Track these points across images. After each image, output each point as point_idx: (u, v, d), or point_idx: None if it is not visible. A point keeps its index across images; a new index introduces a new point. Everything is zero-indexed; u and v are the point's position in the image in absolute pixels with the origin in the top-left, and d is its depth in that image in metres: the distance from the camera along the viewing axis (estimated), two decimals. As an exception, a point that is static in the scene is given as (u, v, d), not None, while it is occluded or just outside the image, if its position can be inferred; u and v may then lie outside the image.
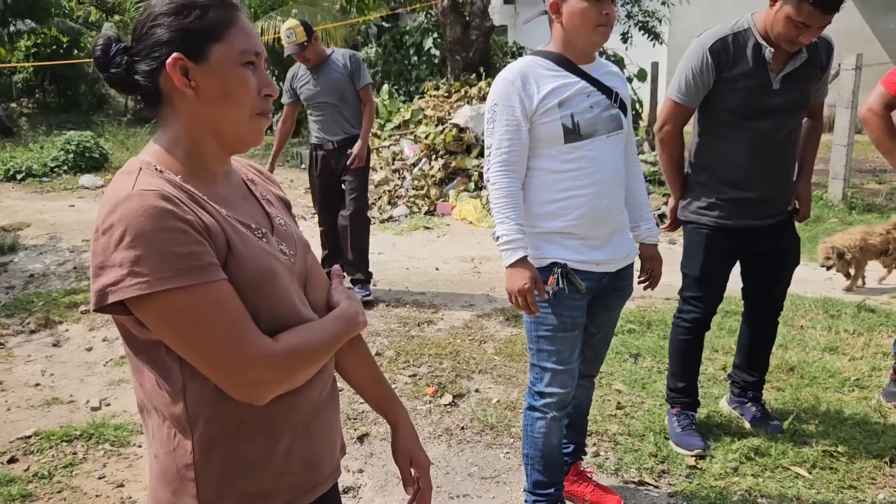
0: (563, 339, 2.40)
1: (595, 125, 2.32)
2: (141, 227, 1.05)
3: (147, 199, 1.07)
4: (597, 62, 2.41)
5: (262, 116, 1.23)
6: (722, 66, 2.84)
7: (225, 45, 1.18)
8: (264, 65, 1.25)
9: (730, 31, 2.87)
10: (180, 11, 1.17)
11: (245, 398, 1.14)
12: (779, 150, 2.93)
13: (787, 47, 2.79)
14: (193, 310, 1.08)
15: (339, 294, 1.38)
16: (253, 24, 5.50)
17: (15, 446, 3.35)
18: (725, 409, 3.44)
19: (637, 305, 5.01)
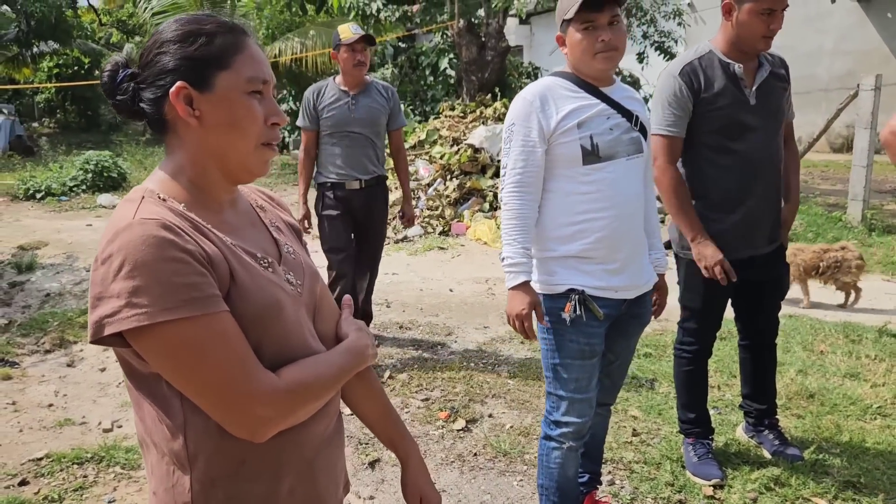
0: (581, 367, 2.36)
1: (615, 147, 2.29)
2: (141, 256, 1.03)
3: (148, 227, 1.05)
4: (617, 85, 2.40)
5: (269, 147, 1.20)
6: (696, 88, 2.83)
7: (231, 73, 1.15)
8: (273, 92, 1.23)
9: (694, 56, 2.88)
10: (186, 38, 1.15)
11: (246, 436, 1.11)
12: (766, 171, 2.91)
13: (762, 46, 2.78)
14: (193, 343, 1.05)
15: (348, 325, 1.34)
16: (270, 46, 5.53)
17: (26, 468, 3.34)
18: (743, 438, 3.37)
19: (653, 329, 4.94)
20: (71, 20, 24.76)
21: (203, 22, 1.17)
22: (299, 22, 15.86)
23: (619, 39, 2.26)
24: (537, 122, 2.26)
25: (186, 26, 1.16)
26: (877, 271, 6.52)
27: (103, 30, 31.62)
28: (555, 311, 2.32)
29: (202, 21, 1.17)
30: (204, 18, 1.18)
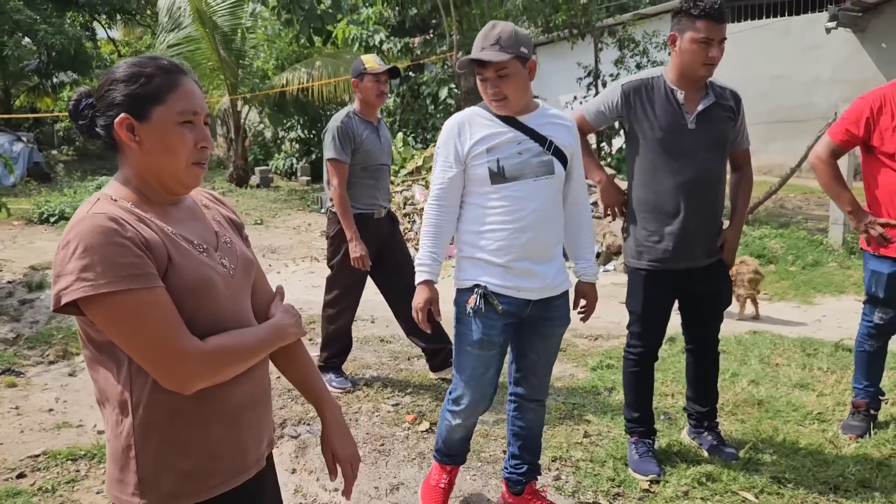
0: (479, 356, 2.71)
1: (522, 169, 2.61)
2: (90, 241, 1.32)
3: (97, 219, 1.35)
4: (538, 112, 2.70)
5: (198, 165, 1.50)
6: (632, 103, 3.16)
7: (165, 108, 1.45)
8: (204, 120, 1.52)
9: (644, 77, 3.23)
10: (130, 79, 1.45)
11: (175, 388, 1.39)
12: (702, 191, 3.17)
13: (703, 72, 3.07)
14: (131, 310, 1.34)
15: (276, 308, 1.65)
16: (279, 76, 5.99)
17: (24, 464, 3.63)
18: (686, 440, 3.61)
19: (620, 342, 5.19)
20: (90, 51, 25.53)
21: (145, 65, 1.47)
22: (307, 53, 16.36)
23: (507, 88, 2.56)
24: (454, 146, 2.63)
25: (132, 68, 1.47)
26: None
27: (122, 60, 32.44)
28: (461, 303, 2.68)
29: (144, 64, 1.48)
30: (146, 62, 1.49)
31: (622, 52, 12.07)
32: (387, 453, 3.60)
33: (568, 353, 5.07)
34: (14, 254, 9.68)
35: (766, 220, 9.56)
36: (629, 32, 12.10)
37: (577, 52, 12.52)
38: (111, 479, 1.48)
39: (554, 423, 3.87)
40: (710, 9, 2.97)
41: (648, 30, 12.45)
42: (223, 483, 1.50)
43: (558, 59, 16.22)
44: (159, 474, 1.44)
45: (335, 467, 1.72)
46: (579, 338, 5.48)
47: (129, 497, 1.44)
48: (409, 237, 9.05)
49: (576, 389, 4.38)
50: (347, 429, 1.76)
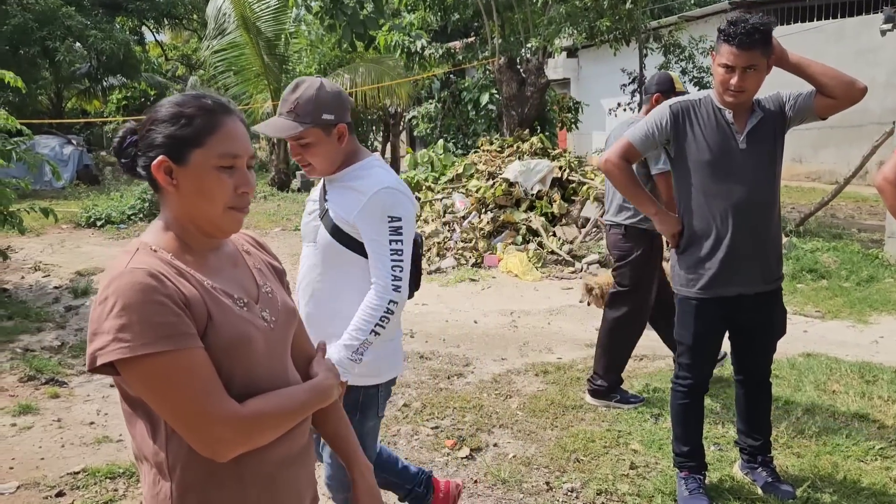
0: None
1: (305, 231, 2.51)
2: (128, 299, 1.26)
3: (136, 275, 1.29)
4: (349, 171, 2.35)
5: (237, 210, 1.43)
6: (681, 125, 3.04)
7: (204, 151, 1.38)
8: (248, 164, 1.44)
9: (692, 99, 3.10)
10: (170, 119, 1.39)
11: (208, 455, 1.32)
12: (753, 213, 3.02)
13: (729, 98, 2.93)
14: (165, 373, 1.28)
15: (319, 366, 1.57)
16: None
17: (64, 481, 3.63)
18: (739, 475, 3.45)
19: (667, 363, 5.04)
20: (139, 55, 26.06)
21: (187, 105, 1.41)
22: (349, 58, 16.42)
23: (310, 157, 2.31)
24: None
25: (173, 108, 1.41)
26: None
27: (170, 63, 33.14)
28: None
29: (187, 104, 1.41)
30: (189, 101, 1.42)
31: (667, 57, 11.83)
32: (426, 481, 3.51)
33: (612, 375, 4.92)
34: (61, 258, 9.86)
35: (818, 232, 9.24)
36: (675, 38, 11.85)
37: (622, 57, 12.30)
38: None
39: (599, 451, 3.74)
40: (736, 34, 2.81)
41: (695, 34, 12.19)
42: None
43: (601, 63, 16.01)
44: None
45: None
46: (624, 357, 5.31)
47: None
48: (449, 246, 8.97)
49: (621, 415, 4.24)
50: (377, 491, 1.69)
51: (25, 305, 7.32)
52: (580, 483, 3.44)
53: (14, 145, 7.39)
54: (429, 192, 10.41)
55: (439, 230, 9.37)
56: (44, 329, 6.58)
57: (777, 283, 3.19)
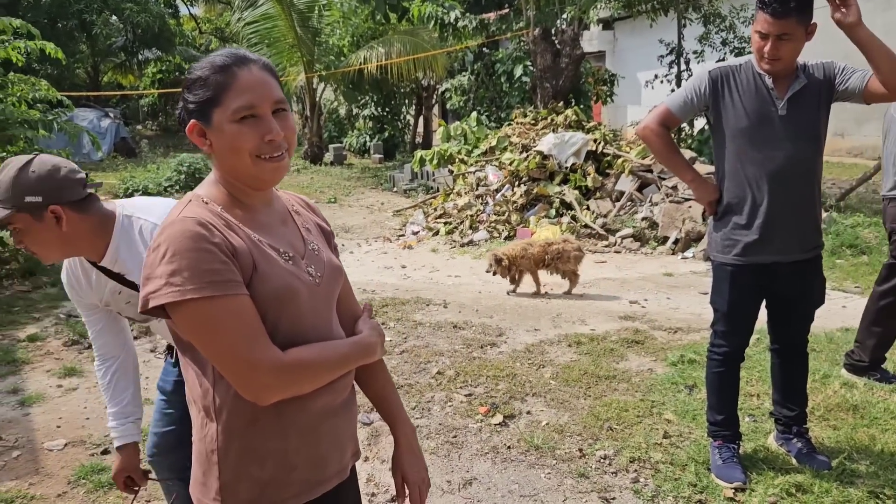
0: None
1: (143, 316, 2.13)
2: (178, 246, 1.31)
3: (186, 224, 1.34)
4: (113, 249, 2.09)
5: (265, 159, 1.43)
6: (719, 90, 2.99)
7: (221, 108, 1.41)
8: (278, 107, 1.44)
9: (732, 64, 3.05)
10: (192, 85, 1.43)
11: (251, 398, 1.36)
12: (791, 181, 2.97)
13: (765, 66, 2.89)
14: (212, 317, 1.32)
15: (364, 324, 1.60)
16: (355, 54, 5.88)
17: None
18: (773, 446, 3.43)
19: (702, 336, 5.01)
20: (173, 28, 26.25)
21: (202, 68, 1.44)
22: (382, 30, 16.35)
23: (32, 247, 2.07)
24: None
25: (193, 74, 1.45)
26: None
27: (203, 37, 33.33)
28: None
29: (202, 67, 1.44)
30: (203, 64, 1.44)
31: (707, 27, 11.58)
32: (459, 446, 3.56)
33: (646, 347, 4.91)
34: (101, 228, 10.06)
35: (858, 208, 9.05)
36: (715, 7, 11.58)
37: (659, 28, 12.08)
38: (195, 480, 1.48)
39: (632, 420, 3.75)
40: (770, 1, 2.76)
41: (736, 3, 11.89)
42: (298, 494, 1.47)
43: (638, 35, 15.72)
44: (239, 482, 1.43)
45: (403, 490, 1.68)
46: (658, 330, 5.30)
47: (211, 501, 1.44)
48: (482, 219, 8.96)
49: (654, 385, 4.23)
50: (420, 452, 1.71)
51: (68, 273, 7.50)
52: (613, 451, 3.46)
53: (55, 116, 7.52)
54: (462, 164, 10.39)
55: (472, 203, 9.37)
56: (86, 296, 6.75)
57: (815, 252, 3.14)
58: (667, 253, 8.12)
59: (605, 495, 3.12)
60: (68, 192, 2.00)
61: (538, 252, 6.31)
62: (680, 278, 7.02)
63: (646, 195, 9.06)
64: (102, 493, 3.21)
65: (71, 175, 2.03)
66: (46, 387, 4.45)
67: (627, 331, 5.24)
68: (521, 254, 6.31)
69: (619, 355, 4.75)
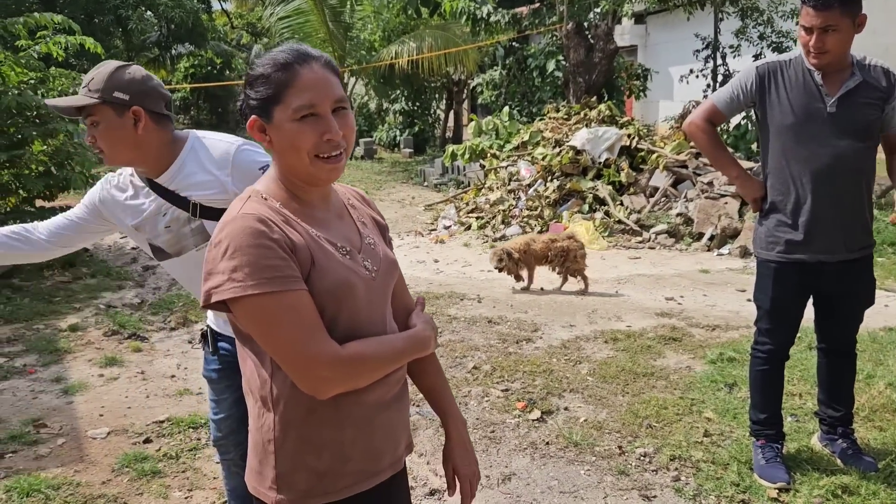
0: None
1: (179, 243, 2.20)
2: (239, 243, 1.33)
3: (247, 221, 1.35)
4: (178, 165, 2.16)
5: (323, 159, 1.43)
6: (766, 86, 2.95)
7: (282, 106, 1.41)
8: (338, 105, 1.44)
9: (780, 59, 3.00)
10: (255, 81, 1.44)
11: (309, 391, 1.37)
12: (837, 180, 2.91)
13: (813, 60, 2.84)
14: (272, 312, 1.33)
15: (418, 318, 1.61)
16: (386, 48, 5.92)
17: (150, 429, 3.81)
18: (817, 446, 3.37)
19: (741, 334, 4.95)
20: (206, 24, 26.52)
21: (265, 64, 1.44)
22: (414, 25, 16.35)
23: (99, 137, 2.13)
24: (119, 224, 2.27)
25: (256, 69, 1.45)
26: None
27: (235, 32, 33.64)
28: None
29: (264, 63, 1.44)
30: (266, 61, 1.45)
31: (744, 21, 11.40)
32: (497, 441, 3.55)
33: (683, 344, 4.86)
34: (137, 220, 10.21)
35: (900, 205, 8.85)
36: (753, 1, 11.40)
37: (694, 22, 11.92)
38: (251, 470, 1.50)
39: (672, 418, 3.71)
40: None
41: (774, -3, 11.69)
42: (353, 485, 1.48)
43: (671, 29, 15.54)
44: (295, 472, 1.44)
45: (454, 483, 1.69)
46: (695, 327, 5.24)
47: (267, 490, 1.45)
48: (514, 214, 8.93)
49: (693, 383, 4.19)
50: (471, 446, 1.71)
51: (106, 264, 7.63)
52: (653, 448, 3.43)
53: (95, 109, 7.62)
54: (493, 159, 10.36)
55: (504, 198, 9.34)
56: (124, 287, 6.86)
57: (863, 252, 3.08)
58: (702, 249, 8.03)
59: (646, 493, 3.10)
60: (152, 101, 2.12)
61: (541, 248, 6.35)
62: (716, 275, 6.93)
63: (680, 191, 8.96)
64: (146, 482, 3.25)
65: (159, 88, 2.16)
66: (88, 376, 4.52)
67: (664, 328, 5.19)
68: (524, 248, 6.35)
69: (657, 352, 4.70)
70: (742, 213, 8.18)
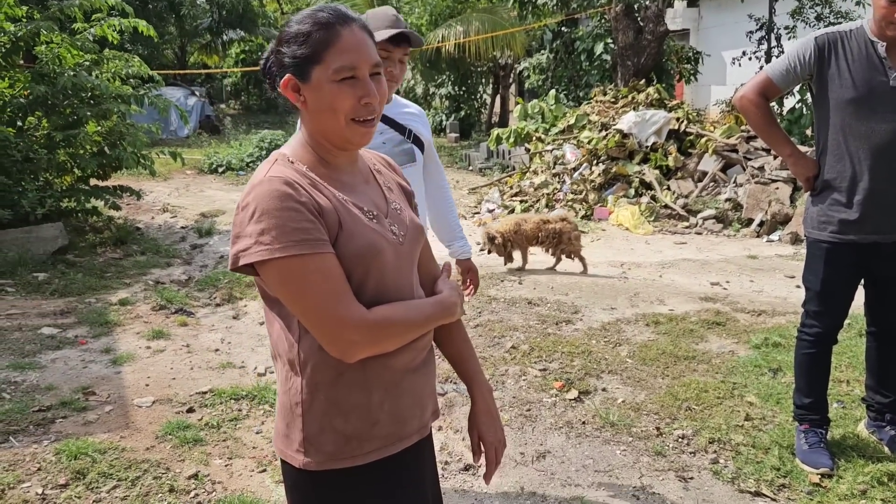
0: None
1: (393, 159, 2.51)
2: (266, 206, 1.32)
3: (274, 184, 1.34)
4: (394, 102, 2.67)
5: (359, 122, 1.42)
6: (825, 58, 2.83)
7: (322, 67, 1.39)
8: (374, 70, 1.43)
9: (841, 30, 2.87)
10: (292, 39, 1.41)
11: (337, 355, 1.37)
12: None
13: (889, 32, 2.71)
14: (300, 274, 1.33)
15: (444, 284, 1.60)
16: (433, 32, 5.97)
17: (193, 399, 3.90)
18: (864, 433, 3.28)
19: (787, 320, 4.83)
20: (256, 9, 26.83)
21: (304, 22, 1.42)
22: (461, 9, 16.27)
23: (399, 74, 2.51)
24: None
25: (294, 27, 1.43)
26: None
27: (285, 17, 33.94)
28: None
29: (304, 21, 1.42)
30: (306, 18, 1.42)
31: (801, 1, 11.04)
32: (533, 419, 3.54)
33: (727, 329, 4.76)
34: (187, 201, 10.44)
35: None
36: (811, -19, 11.04)
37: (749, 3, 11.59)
38: (278, 433, 1.50)
39: (712, 402, 3.65)
40: None
41: (833, -23, 11.30)
42: (380, 449, 1.48)
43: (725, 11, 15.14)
44: (322, 434, 1.44)
45: (479, 450, 1.68)
46: (740, 312, 5.13)
47: (294, 453, 1.46)
48: (559, 198, 8.86)
49: (736, 367, 4.11)
50: (497, 413, 1.70)
51: (156, 243, 7.82)
52: (692, 431, 3.38)
53: (147, 90, 7.81)
54: (539, 142, 10.27)
55: (549, 181, 9.27)
56: (172, 264, 7.03)
57: None
58: (751, 235, 7.85)
59: (683, 474, 3.05)
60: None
61: (531, 229, 6.33)
62: (764, 261, 6.77)
63: (730, 176, 8.76)
64: (188, 449, 3.33)
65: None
66: (136, 348, 4.65)
67: (708, 312, 5.10)
68: (514, 230, 6.32)
69: (699, 336, 4.62)
70: (794, 199, 7.96)
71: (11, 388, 3.98)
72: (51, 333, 4.88)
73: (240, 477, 3.13)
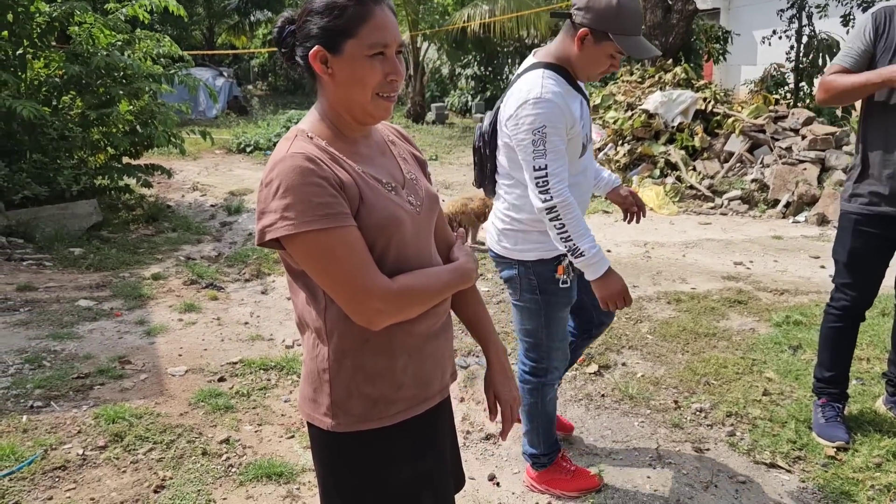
0: (565, 319, 2.69)
1: (587, 127, 2.57)
2: (290, 181, 1.37)
3: (296, 160, 1.39)
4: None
5: (385, 98, 1.48)
6: (881, 31, 2.80)
7: (356, 41, 1.44)
8: (398, 50, 1.49)
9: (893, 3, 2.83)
10: (324, 10, 1.45)
11: (363, 323, 1.43)
12: None
13: None
14: (325, 248, 1.38)
15: (460, 251, 1.66)
16: (459, 12, 6.04)
17: (224, 369, 4.03)
18: (882, 409, 3.31)
19: (810, 299, 4.84)
20: (283, -10, 26.88)
21: None
22: (487, -12, 16.16)
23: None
24: (564, 122, 2.38)
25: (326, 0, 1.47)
26: None
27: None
28: (545, 273, 2.57)
29: None
30: None
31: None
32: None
33: (749, 307, 4.79)
34: (216, 180, 10.60)
35: None
36: (843, -43, 10.80)
37: (780, -19, 11.40)
38: (305, 398, 1.57)
39: (731, 377, 3.69)
40: None
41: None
42: (405, 411, 1.55)
43: (755, -11, 14.88)
44: (349, 399, 1.51)
45: (496, 408, 1.75)
46: (762, 291, 5.14)
47: (322, 417, 1.53)
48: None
49: (756, 344, 4.14)
50: (511, 372, 1.77)
51: (186, 220, 7.99)
52: (710, 404, 3.43)
53: (176, 69, 7.94)
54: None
55: (573, 161, 9.27)
56: (202, 241, 7.18)
57: None
58: (777, 216, 7.81)
59: (699, 446, 3.12)
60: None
61: (478, 206, 6.40)
62: (789, 241, 6.75)
63: (756, 156, 8.69)
64: (219, 415, 3.46)
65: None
66: (169, 320, 4.80)
67: (730, 290, 5.12)
68: (461, 209, 6.40)
69: (721, 314, 4.66)
70: (821, 180, 7.89)
71: (51, 356, 4.15)
72: (87, 305, 5.05)
73: (269, 442, 3.26)
